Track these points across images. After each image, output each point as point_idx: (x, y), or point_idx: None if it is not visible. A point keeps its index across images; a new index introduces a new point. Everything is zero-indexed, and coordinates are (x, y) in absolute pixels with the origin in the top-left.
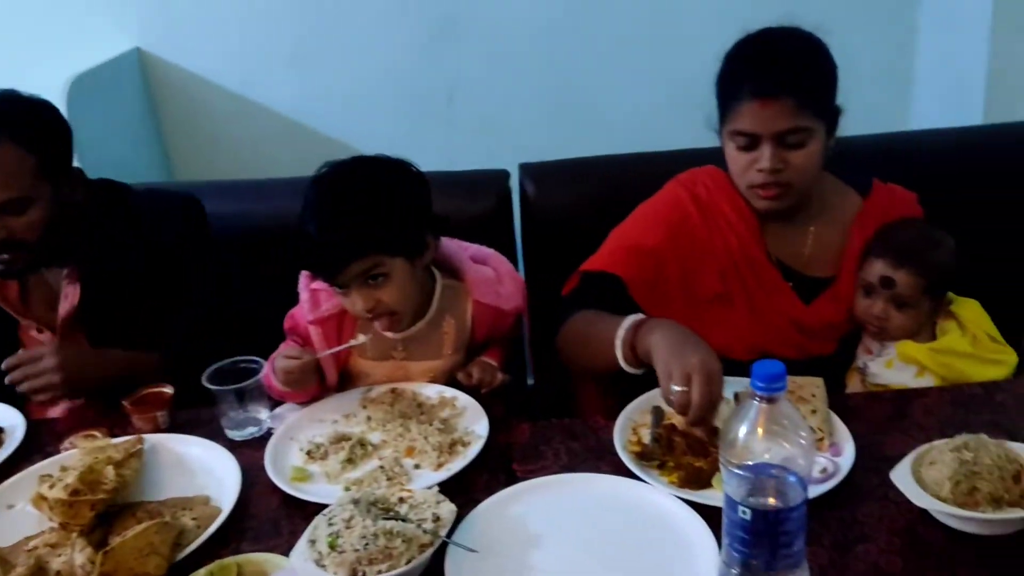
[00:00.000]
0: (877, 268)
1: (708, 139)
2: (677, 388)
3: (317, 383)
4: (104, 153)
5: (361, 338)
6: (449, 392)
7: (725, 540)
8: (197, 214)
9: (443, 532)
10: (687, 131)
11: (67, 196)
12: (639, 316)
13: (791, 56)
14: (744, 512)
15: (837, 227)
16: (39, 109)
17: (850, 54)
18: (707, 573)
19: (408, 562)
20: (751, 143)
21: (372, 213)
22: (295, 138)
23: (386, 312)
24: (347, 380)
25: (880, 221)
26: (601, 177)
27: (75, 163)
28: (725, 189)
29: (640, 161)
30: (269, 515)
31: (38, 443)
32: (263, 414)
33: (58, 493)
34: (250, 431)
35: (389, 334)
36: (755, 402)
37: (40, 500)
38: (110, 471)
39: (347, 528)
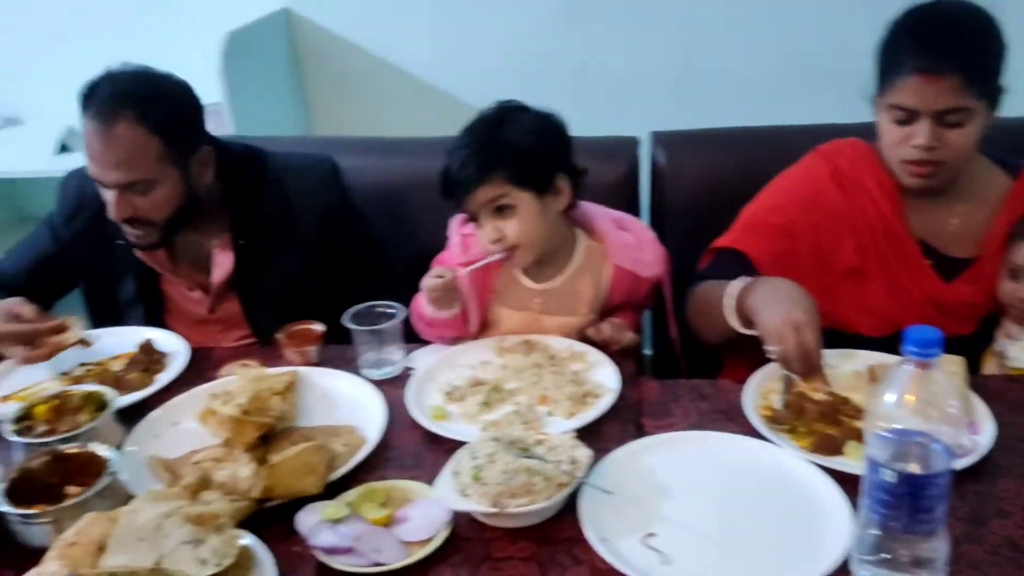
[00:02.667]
0: None
1: (835, 115)
2: (771, 348)
3: (461, 304)
4: (251, 106)
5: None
6: (579, 347)
7: (864, 501)
8: (335, 175)
9: (580, 474)
10: (815, 105)
11: (195, 178)
12: (748, 279)
13: (960, 32)
14: (888, 475)
15: (983, 207)
16: (169, 90)
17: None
18: (840, 535)
19: (547, 499)
20: (908, 118)
21: (502, 141)
22: (428, 100)
23: (510, 246)
24: (483, 328)
25: None
26: (733, 149)
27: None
28: (869, 162)
29: (773, 134)
30: (411, 448)
31: (198, 369)
32: (397, 355)
33: (230, 411)
34: (386, 371)
35: (530, 284)
36: (907, 367)
37: (209, 416)
38: (276, 401)
39: (490, 463)
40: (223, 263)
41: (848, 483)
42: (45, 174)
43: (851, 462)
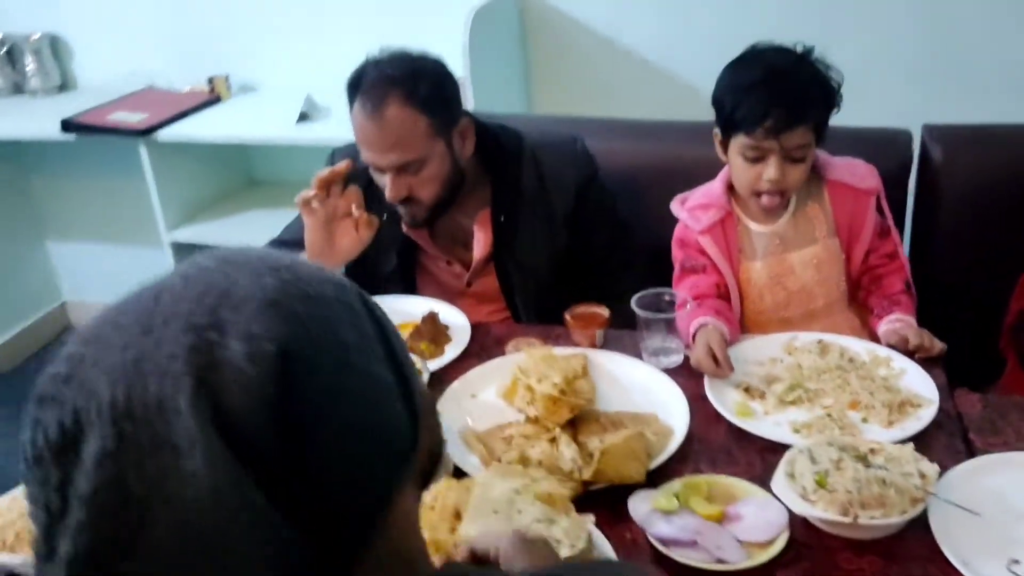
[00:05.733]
0: None
1: None
2: None
3: None
4: (484, 82)
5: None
6: (883, 351)
7: None
8: (587, 152)
9: (932, 489)
10: None
11: (459, 151)
12: None
13: None
14: None
15: None
16: (428, 66)
17: None
18: None
19: (902, 513)
20: None
21: (817, 88)
22: (651, 83)
23: (783, 190)
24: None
25: None
26: (1016, 147)
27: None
28: None
29: None
30: (719, 442)
31: (480, 342)
32: (680, 344)
33: (546, 389)
34: (673, 360)
35: (764, 228)
36: None
37: (515, 392)
38: (585, 383)
39: (837, 469)
40: (483, 239)
41: None
42: (286, 141)
43: None
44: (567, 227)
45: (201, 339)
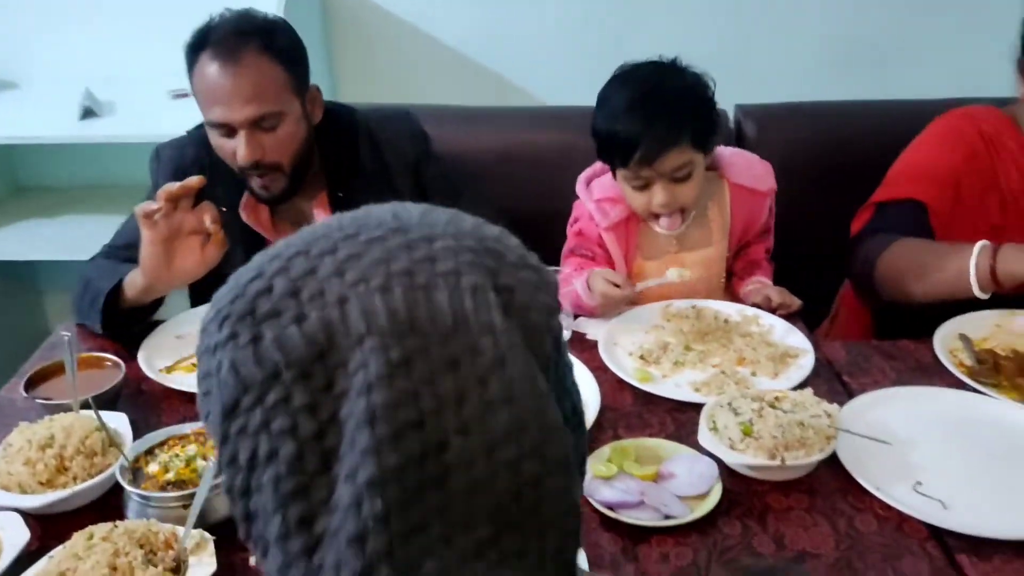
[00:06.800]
0: None
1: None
2: None
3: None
4: None
5: (673, 273)
6: (750, 311)
7: None
8: (421, 129)
9: (841, 426)
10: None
11: (310, 116)
12: (986, 243)
13: None
14: None
15: None
16: (282, 25)
17: None
18: None
19: (821, 451)
20: None
21: (687, 105)
22: (460, 71)
23: (679, 209)
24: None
25: None
26: (820, 122)
27: None
28: (1008, 127)
29: (870, 109)
30: (628, 408)
31: None
32: (567, 320)
33: None
34: (564, 335)
35: (664, 231)
36: None
37: None
38: None
39: (759, 417)
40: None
41: None
42: (66, 141)
43: None
44: (410, 201)
45: (479, 261)
